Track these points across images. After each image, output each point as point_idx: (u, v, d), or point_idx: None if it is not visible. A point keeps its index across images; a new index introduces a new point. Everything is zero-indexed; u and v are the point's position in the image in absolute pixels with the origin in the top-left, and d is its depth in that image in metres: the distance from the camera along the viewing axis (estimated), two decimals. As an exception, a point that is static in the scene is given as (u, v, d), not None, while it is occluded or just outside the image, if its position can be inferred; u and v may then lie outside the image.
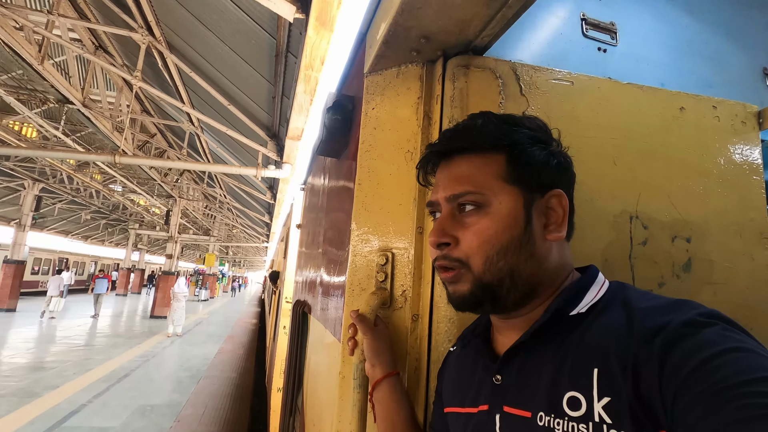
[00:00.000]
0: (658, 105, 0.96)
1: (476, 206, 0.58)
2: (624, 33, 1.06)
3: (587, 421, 0.46)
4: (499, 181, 0.59)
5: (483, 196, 0.58)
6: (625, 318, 0.50)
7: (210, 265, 24.43)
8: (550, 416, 0.49)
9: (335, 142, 1.22)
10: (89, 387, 6.68)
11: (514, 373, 0.57)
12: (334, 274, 1.20)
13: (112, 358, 8.68)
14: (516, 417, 0.54)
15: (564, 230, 0.60)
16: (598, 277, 0.59)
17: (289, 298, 4.00)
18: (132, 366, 8.26)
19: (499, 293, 0.57)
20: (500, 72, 0.88)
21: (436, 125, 0.89)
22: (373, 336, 0.80)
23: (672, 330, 0.44)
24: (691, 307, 0.47)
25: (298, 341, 2.18)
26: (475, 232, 0.58)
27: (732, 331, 0.43)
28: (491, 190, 0.58)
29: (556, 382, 0.51)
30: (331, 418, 0.96)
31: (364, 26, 1.10)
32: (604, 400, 0.46)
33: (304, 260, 2.30)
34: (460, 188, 0.59)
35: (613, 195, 0.89)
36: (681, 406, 0.39)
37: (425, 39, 0.85)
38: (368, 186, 0.94)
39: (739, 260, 0.93)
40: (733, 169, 0.97)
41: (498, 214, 0.58)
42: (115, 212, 23.37)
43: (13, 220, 17.91)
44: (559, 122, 0.90)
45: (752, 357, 0.39)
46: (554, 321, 0.55)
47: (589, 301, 0.55)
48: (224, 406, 6.29)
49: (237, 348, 10.88)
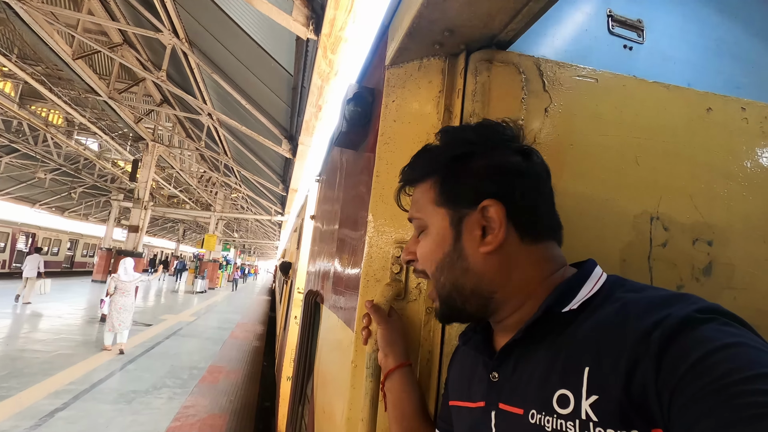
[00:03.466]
0: (684, 105, 0.94)
1: (423, 228, 0.67)
2: (651, 30, 1.03)
3: (574, 418, 0.46)
4: (432, 204, 0.65)
5: (423, 221, 0.66)
6: (621, 313, 0.49)
7: (210, 249, 21.01)
8: (541, 414, 0.50)
9: (354, 134, 1.22)
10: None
11: (509, 370, 0.58)
12: (348, 265, 1.21)
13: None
14: (510, 414, 0.55)
15: (497, 240, 0.58)
16: (594, 272, 0.58)
17: (301, 288, 4.05)
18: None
19: (455, 306, 0.62)
20: (523, 67, 0.88)
21: (457, 119, 0.88)
22: (387, 326, 0.81)
23: (669, 325, 0.43)
24: (691, 301, 0.46)
25: (309, 330, 2.21)
26: (420, 249, 0.67)
27: (731, 326, 0.42)
28: (427, 214, 0.65)
29: (547, 380, 0.51)
30: (342, 406, 0.97)
31: (387, 18, 1.10)
32: (592, 398, 0.45)
33: (318, 251, 2.32)
34: (412, 212, 0.69)
35: (634, 195, 0.88)
36: (678, 404, 0.38)
37: (449, 32, 0.85)
38: (386, 178, 0.94)
39: (762, 266, 0.91)
40: (760, 173, 0.95)
41: (432, 234, 0.64)
42: (88, 175, 18.85)
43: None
44: (582, 119, 0.89)
45: (751, 352, 0.38)
46: (546, 319, 0.55)
47: (583, 297, 0.55)
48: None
49: (223, 411, 5.33)
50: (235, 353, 8.72)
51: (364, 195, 1.10)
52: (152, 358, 7.53)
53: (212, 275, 22.82)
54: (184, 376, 6.71)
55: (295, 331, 4.27)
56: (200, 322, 11.97)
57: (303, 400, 2.08)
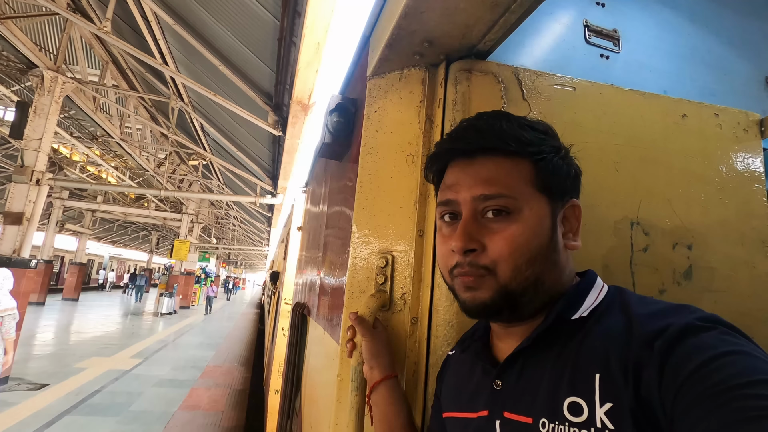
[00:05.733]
0: (660, 112, 0.96)
1: (505, 211, 0.56)
2: (627, 40, 1.06)
3: (589, 426, 0.46)
4: (530, 187, 0.57)
5: (515, 201, 0.56)
6: (625, 323, 0.50)
7: (180, 258, 15.80)
8: (554, 423, 0.49)
9: (337, 145, 1.22)
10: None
11: (514, 378, 0.57)
12: (333, 276, 1.20)
13: None
14: (517, 423, 0.54)
15: (579, 240, 0.61)
16: (597, 282, 0.60)
17: (288, 299, 4.00)
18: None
19: (520, 302, 0.56)
20: (502, 77, 0.88)
21: (438, 129, 0.89)
22: (372, 338, 0.79)
23: (671, 334, 0.44)
24: (690, 311, 0.47)
25: (297, 343, 2.18)
26: (505, 239, 0.55)
27: (730, 335, 0.43)
28: (522, 196, 0.56)
29: (557, 388, 0.51)
30: (328, 421, 0.95)
31: (367, 29, 1.11)
32: (607, 405, 0.45)
33: (305, 262, 2.30)
34: (493, 189, 0.56)
35: (614, 201, 0.89)
36: (680, 408, 0.39)
37: (428, 43, 0.85)
38: (369, 188, 0.94)
39: (740, 268, 0.92)
40: (735, 177, 0.97)
41: (529, 221, 0.55)
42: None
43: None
44: (561, 128, 0.89)
45: (750, 359, 0.39)
46: (555, 326, 0.55)
47: (590, 305, 0.55)
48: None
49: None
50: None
51: (347, 205, 1.09)
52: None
53: (186, 291, 18.20)
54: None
55: (282, 343, 4.21)
56: (142, 371, 7.51)
57: (291, 415, 2.04)
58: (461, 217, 0.59)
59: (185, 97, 7.88)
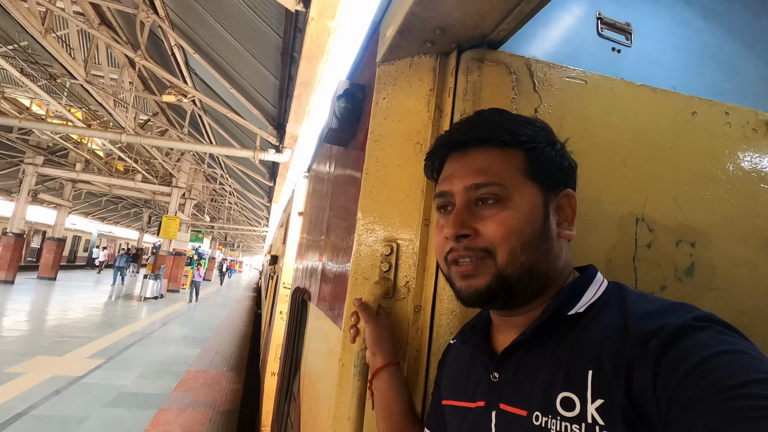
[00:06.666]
0: (670, 108, 0.96)
1: (496, 199, 0.58)
2: (639, 34, 1.05)
3: (580, 422, 0.47)
4: (521, 175, 0.59)
5: (505, 189, 0.57)
6: (621, 320, 0.50)
7: (169, 237, 14.44)
8: (547, 417, 0.50)
9: (344, 131, 1.21)
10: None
11: (511, 371, 0.58)
12: (337, 263, 1.21)
13: None
14: (511, 415, 0.55)
15: (574, 229, 0.62)
16: (596, 277, 0.60)
17: (287, 283, 4.02)
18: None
19: (515, 288, 0.57)
20: (514, 67, 0.88)
21: (447, 118, 0.88)
22: (375, 325, 0.80)
23: (666, 333, 0.44)
24: (687, 310, 0.48)
25: (296, 328, 2.19)
26: (497, 223, 0.56)
27: (726, 334, 0.43)
28: (513, 184, 0.58)
29: (551, 382, 0.51)
30: (328, 405, 0.97)
31: (378, 15, 1.09)
32: (598, 401, 0.46)
33: (306, 248, 2.30)
34: (483, 178, 0.58)
35: (620, 196, 0.89)
36: (675, 408, 0.40)
37: (441, 30, 0.84)
38: (376, 176, 0.94)
39: (741, 267, 0.93)
40: (742, 176, 0.97)
41: (520, 207, 0.57)
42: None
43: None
44: (571, 121, 0.90)
45: (746, 359, 0.40)
46: (552, 320, 0.55)
47: (587, 301, 0.56)
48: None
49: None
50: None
51: (353, 192, 1.09)
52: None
53: (175, 273, 16.68)
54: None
55: (280, 326, 4.25)
56: (98, 379, 5.61)
57: (289, 399, 2.07)
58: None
59: (161, 10, 5.84)
